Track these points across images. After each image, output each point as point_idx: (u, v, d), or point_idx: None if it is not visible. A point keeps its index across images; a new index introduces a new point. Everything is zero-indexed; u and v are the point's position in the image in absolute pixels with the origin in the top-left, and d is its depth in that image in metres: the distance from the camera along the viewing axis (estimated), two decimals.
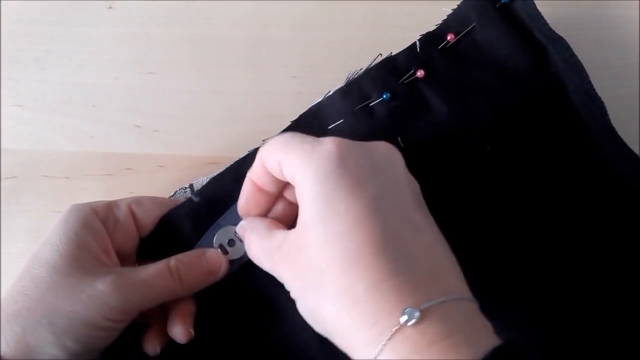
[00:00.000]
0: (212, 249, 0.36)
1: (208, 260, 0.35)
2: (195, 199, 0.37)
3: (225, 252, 0.36)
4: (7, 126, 0.45)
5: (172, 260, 0.34)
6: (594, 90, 0.38)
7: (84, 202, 0.35)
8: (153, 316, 0.35)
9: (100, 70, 0.46)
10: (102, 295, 0.31)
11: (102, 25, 0.47)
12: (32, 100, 0.46)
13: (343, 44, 0.41)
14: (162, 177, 0.44)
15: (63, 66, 0.46)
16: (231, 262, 0.36)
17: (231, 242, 0.36)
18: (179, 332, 0.34)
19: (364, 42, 0.45)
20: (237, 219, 0.36)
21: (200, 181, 0.39)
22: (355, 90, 0.39)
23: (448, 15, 0.41)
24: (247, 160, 0.38)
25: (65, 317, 0.30)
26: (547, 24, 0.39)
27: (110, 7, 0.48)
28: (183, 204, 0.38)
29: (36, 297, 0.30)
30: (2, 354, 0.29)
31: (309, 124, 0.39)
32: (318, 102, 0.39)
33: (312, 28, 0.46)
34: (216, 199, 0.38)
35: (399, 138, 0.38)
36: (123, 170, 0.44)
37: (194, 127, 0.45)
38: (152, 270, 0.33)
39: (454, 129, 0.38)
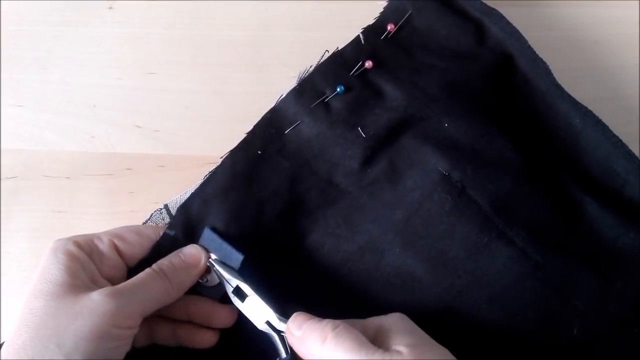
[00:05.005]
0: (188, 245, 0.37)
1: (185, 255, 0.36)
2: (171, 233, 0.37)
3: (205, 280, 0.37)
4: (8, 126, 0.45)
5: (154, 265, 0.35)
6: (535, 52, 0.40)
7: (67, 237, 0.35)
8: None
9: (101, 70, 0.46)
10: (99, 304, 0.31)
11: (102, 26, 0.47)
12: (33, 100, 0.46)
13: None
14: (163, 177, 0.44)
15: (64, 66, 0.46)
16: (210, 288, 0.37)
17: (208, 269, 0.36)
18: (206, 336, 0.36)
19: None
20: (210, 244, 0.36)
21: (176, 199, 0.39)
22: (308, 88, 0.39)
23: (384, 7, 0.42)
24: (212, 180, 0.38)
25: (71, 334, 0.30)
26: None
27: (111, 8, 0.48)
28: (160, 242, 0.37)
29: (37, 326, 0.31)
30: None
31: (266, 132, 0.39)
32: (271, 108, 0.39)
33: (312, 28, 0.47)
34: (190, 226, 0.37)
35: (359, 128, 0.38)
36: (123, 170, 0.44)
37: (194, 127, 0.45)
38: (140, 275, 0.34)
39: (409, 111, 0.38)
